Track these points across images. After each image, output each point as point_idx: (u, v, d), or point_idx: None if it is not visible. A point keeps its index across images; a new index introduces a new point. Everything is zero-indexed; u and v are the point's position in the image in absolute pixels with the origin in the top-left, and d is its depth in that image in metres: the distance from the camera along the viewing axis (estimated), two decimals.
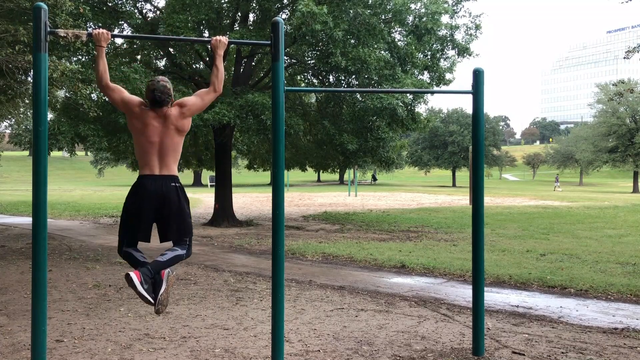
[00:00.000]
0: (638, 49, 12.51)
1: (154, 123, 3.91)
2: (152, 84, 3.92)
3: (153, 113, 3.92)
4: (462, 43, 16.08)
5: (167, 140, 3.93)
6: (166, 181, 3.92)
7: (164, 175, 3.93)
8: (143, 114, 3.92)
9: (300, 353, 4.93)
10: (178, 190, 3.96)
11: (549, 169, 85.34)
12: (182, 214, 3.96)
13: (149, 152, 3.91)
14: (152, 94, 3.89)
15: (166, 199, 3.90)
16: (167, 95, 3.91)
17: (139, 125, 3.92)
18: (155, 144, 3.91)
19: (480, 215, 4.91)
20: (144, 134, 3.91)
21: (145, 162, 3.92)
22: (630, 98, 46.38)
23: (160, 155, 3.93)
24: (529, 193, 39.17)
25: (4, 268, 9.10)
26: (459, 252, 11.03)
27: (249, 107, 14.07)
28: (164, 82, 3.92)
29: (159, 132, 3.91)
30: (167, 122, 3.93)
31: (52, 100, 11.79)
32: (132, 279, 3.67)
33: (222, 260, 10.23)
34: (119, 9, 15.03)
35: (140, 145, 3.94)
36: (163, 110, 3.93)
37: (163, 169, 3.93)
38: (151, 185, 3.89)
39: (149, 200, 3.88)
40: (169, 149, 3.93)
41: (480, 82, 4.86)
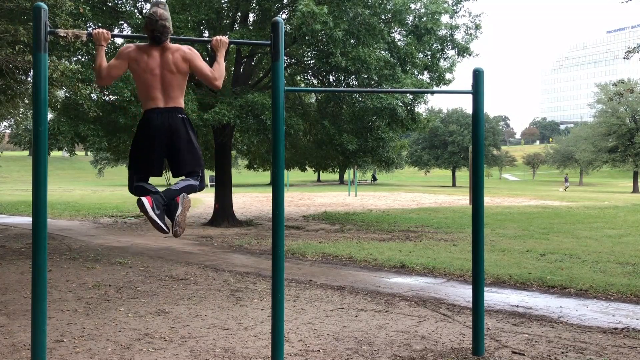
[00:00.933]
0: (638, 49, 12.51)
1: (153, 55, 3.83)
2: (150, 23, 3.79)
3: (151, 49, 3.84)
4: (462, 43, 16.09)
5: (168, 73, 3.83)
6: (172, 113, 3.84)
7: (169, 107, 3.84)
8: (141, 54, 3.83)
9: (300, 353, 4.93)
10: (185, 121, 3.89)
11: (548, 169, 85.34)
12: (191, 145, 3.88)
13: (151, 87, 3.82)
14: (151, 34, 3.81)
15: (174, 132, 3.82)
16: (166, 34, 3.82)
17: (139, 66, 3.83)
18: (156, 77, 3.82)
19: (480, 215, 4.91)
20: (144, 71, 3.81)
21: (149, 96, 3.84)
22: (630, 98, 46.39)
23: (164, 88, 3.84)
24: (529, 193, 39.18)
25: (4, 268, 9.10)
26: (459, 252, 11.03)
27: (249, 107, 14.07)
28: (163, 20, 3.79)
29: (159, 66, 3.82)
30: (166, 57, 3.84)
31: (52, 100, 11.79)
32: (143, 204, 3.63)
33: (222, 260, 10.23)
34: (119, 9, 15.03)
35: (143, 81, 3.83)
36: (162, 45, 3.85)
37: (168, 101, 3.85)
38: (157, 118, 3.81)
39: (157, 133, 3.80)
40: (172, 82, 3.84)
41: (480, 82, 4.86)
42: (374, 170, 63.49)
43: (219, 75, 3.97)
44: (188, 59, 3.88)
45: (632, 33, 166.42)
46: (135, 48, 3.87)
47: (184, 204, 3.82)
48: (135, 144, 3.90)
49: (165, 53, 3.85)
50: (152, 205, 3.67)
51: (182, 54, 3.87)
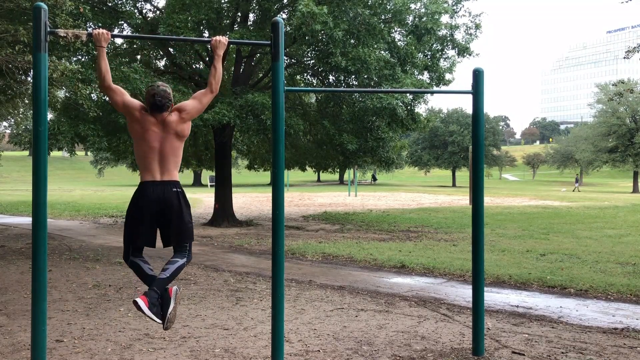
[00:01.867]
0: (638, 49, 12.52)
1: (153, 128, 3.93)
2: (152, 89, 3.94)
3: (153, 118, 3.94)
4: (462, 43, 16.09)
5: (167, 145, 3.95)
6: (167, 187, 3.96)
7: (165, 180, 3.96)
8: (143, 119, 3.94)
9: (300, 353, 4.93)
10: (179, 195, 4.00)
11: (549, 169, 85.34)
12: (182, 219, 4.00)
13: (149, 158, 3.94)
14: (152, 99, 3.91)
15: (167, 205, 3.95)
16: (167, 99, 3.93)
17: (139, 129, 3.94)
18: (155, 149, 3.93)
19: (480, 215, 4.91)
20: (144, 138, 3.93)
21: (146, 167, 3.96)
22: (630, 98, 46.41)
23: (161, 161, 3.95)
24: (529, 193, 39.18)
25: (4, 268, 9.10)
26: (459, 252, 11.02)
27: (248, 107, 14.07)
28: (164, 86, 3.96)
29: (159, 138, 3.94)
30: (166, 128, 3.95)
31: (52, 100, 11.78)
32: (140, 306, 3.75)
33: (222, 260, 10.23)
34: (119, 9, 15.03)
35: (141, 150, 3.97)
36: (163, 115, 3.95)
37: (164, 174, 3.96)
38: (153, 191, 3.93)
39: (151, 206, 3.92)
40: (169, 154, 3.96)
41: (480, 82, 4.86)
42: (374, 170, 63.52)
43: (216, 81, 4.10)
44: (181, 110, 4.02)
45: (632, 33, 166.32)
46: (142, 109, 3.98)
47: (176, 299, 3.96)
48: (130, 216, 4.01)
49: (166, 126, 3.96)
50: (148, 305, 3.78)
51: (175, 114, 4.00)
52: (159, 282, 3.90)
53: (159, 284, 3.89)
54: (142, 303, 3.75)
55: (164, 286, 3.91)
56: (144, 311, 3.75)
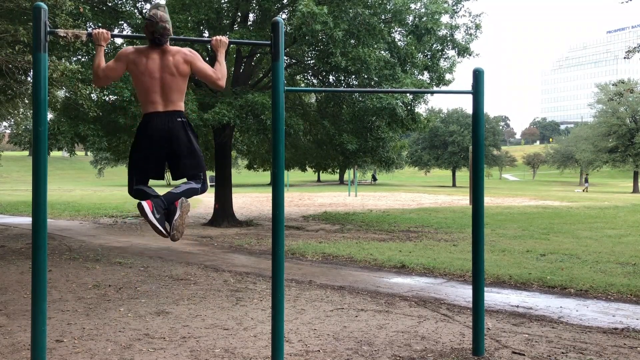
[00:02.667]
0: (638, 49, 12.52)
1: (153, 57, 3.81)
2: (150, 25, 3.77)
3: (151, 51, 3.83)
4: (462, 43, 16.08)
5: (168, 76, 3.81)
6: (172, 117, 3.83)
7: (169, 111, 3.82)
8: (140, 56, 3.82)
9: (300, 353, 4.93)
10: (185, 125, 3.87)
11: (549, 169, 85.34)
12: (191, 149, 3.88)
13: (150, 90, 3.80)
14: (151, 36, 3.79)
15: (174, 136, 3.81)
16: (166, 35, 3.81)
17: (138, 68, 3.81)
18: (156, 80, 3.80)
19: (480, 215, 4.91)
20: (144, 73, 3.79)
21: (148, 100, 3.82)
22: (630, 98, 46.40)
23: (163, 92, 3.81)
24: (529, 193, 39.18)
25: (4, 268, 9.10)
26: (459, 252, 11.02)
27: (248, 107, 14.07)
28: (163, 22, 3.78)
29: (159, 68, 3.80)
30: (166, 59, 3.82)
31: (52, 100, 11.78)
32: (143, 208, 3.63)
33: (222, 260, 10.23)
34: (118, 9, 15.03)
35: (142, 84, 3.81)
36: (162, 47, 3.84)
37: (168, 105, 3.83)
38: (157, 122, 3.79)
39: (157, 138, 3.80)
40: (171, 85, 3.82)
41: (480, 82, 4.86)
42: (374, 171, 63.51)
43: (222, 75, 3.95)
44: (189, 60, 3.87)
45: (632, 33, 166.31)
46: (135, 50, 3.85)
47: (182, 208, 3.79)
48: (135, 148, 3.89)
49: (165, 55, 3.83)
50: (152, 209, 3.67)
51: (183, 55, 3.85)
52: (168, 195, 3.79)
53: (168, 196, 3.79)
54: (146, 206, 3.65)
55: (172, 200, 3.79)
56: (147, 215, 3.64)
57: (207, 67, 3.94)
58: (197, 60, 3.90)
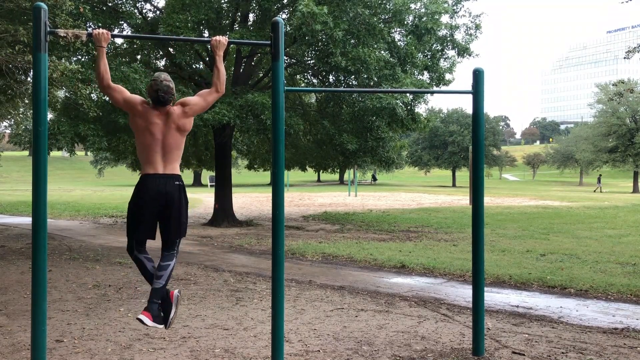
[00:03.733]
0: (638, 49, 12.52)
1: (156, 121, 3.96)
2: (155, 84, 3.95)
3: (156, 111, 3.97)
4: (462, 43, 16.09)
5: (170, 138, 3.97)
6: (170, 180, 3.99)
7: (167, 174, 3.99)
8: (146, 113, 3.96)
9: (300, 353, 4.93)
10: (180, 190, 4.04)
11: (549, 169, 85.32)
12: (180, 215, 4.05)
13: (152, 151, 3.96)
14: (155, 94, 3.94)
15: (169, 198, 3.98)
16: (170, 94, 3.97)
17: (142, 123, 3.96)
18: (158, 142, 3.96)
19: (480, 215, 4.91)
20: (146, 132, 3.95)
21: (149, 160, 3.98)
22: (630, 98, 46.40)
23: (164, 154, 3.98)
24: (529, 193, 39.17)
25: (4, 268, 9.10)
26: (459, 252, 11.02)
27: (248, 107, 14.07)
28: (167, 81, 3.96)
29: (162, 130, 3.96)
30: (169, 121, 3.97)
31: (52, 100, 11.78)
32: (145, 323, 3.86)
33: (222, 260, 10.23)
34: (119, 9, 15.03)
35: (143, 143, 3.98)
36: (166, 108, 3.98)
37: (167, 167, 4.00)
38: (155, 184, 3.96)
39: (153, 199, 3.96)
40: (172, 147, 3.99)
41: (480, 82, 4.86)
42: (374, 171, 63.49)
43: (221, 82, 4.08)
44: (184, 104, 4.03)
45: (632, 33, 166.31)
46: (144, 102, 4.00)
47: (177, 304, 4.10)
48: (132, 208, 4.04)
49: (169, 118, 3.98)
50: (152, 319, 3.91)
51: (178, 107, 4.02)
52: (155, 293, 3.98)
53: (157, 293, 3.99)
54: (146, 320, 3.87)
55: (161, 293, 4.01)
56: (149, 325, 3.89)
57: (200, 93, 4.11)
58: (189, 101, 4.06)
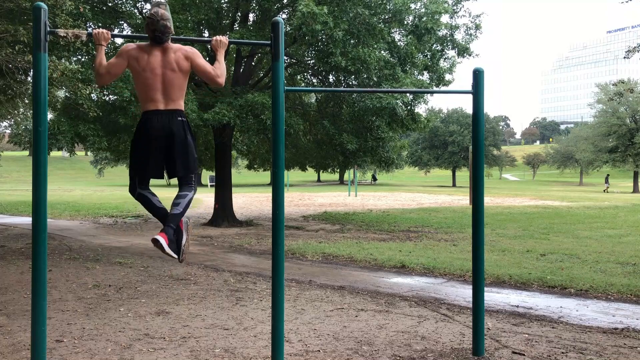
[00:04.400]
0: (638, 49, 12.52)
1: (154, 57, 3.83)
2: (151, 23, 3.80)
3: (153, 48, 3.85)
4: (462, 43, 16.09)
5: (169, 73, 3.83)
6: (172, 116, 3.86)
7: (169, 109, 3.86)
8: (142, 53, 3.84)
9: (300, 353, 4.93)
10: (184, 125, 3.91)
11: (549, 169, 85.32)
12: (188, 150, 3.93)
13: (151, 88, 3.82)
14: (152, 34, 3.82)
15: (173, 135, 3.85)
16: (167, 33, 3.83)
17: (141, 64, 3.82)
18: (157, 77, 3.82)
19: (480, 215, 4.91)
20: (145, 70, 3.82)
21: (149, 97, 3.84)
22: (630, 98, 46.41)
23: (164, 89, 3.84)
24: (529, 193, 39.17)
25: (4, 268, 9.10)
26: (459, 252, 11.02)
27: (248, 107, 14.07)
28: (164, 20, 3.80)
29: (160, 66, 3.83)
30: (167, 57, 3.85)
31: (52, 100, 11.78)
32: (161, 244, 3.72)
33: (222, 260, 10.23)
34: (118, 9, 15.03)
35: (142, 82, 3.83)
36: (163, 45, 3.86)
37: (168, 103, 3.86)
38: (157, 121, 3.83)
39: (156, 137, 3.83)
40: (172, 84, 3.85)
41: (480, 82, 4.86)
42: (374, 171, 63.50)
43: (221, 73, 3.98)
44: (190, 57, 3.91)
45: (632, 33, 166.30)
46: (136, 47, 3.88)
47: (188, 231, 3.95)
48: (135, 146, 3.92)
49: (166, 52, 3.86)
50: (168, 243, 3.79)
51: (184, 52, 3.90)
52: (173, 218, 3.87)
53: (174, 219, 3.87)
54: (163, 241, 3.74)
55: (178, 221, 3.89)
56: (165, 249, 3.75)
57: (207, 64, 3.98)
58: (197, 57, 3.93)
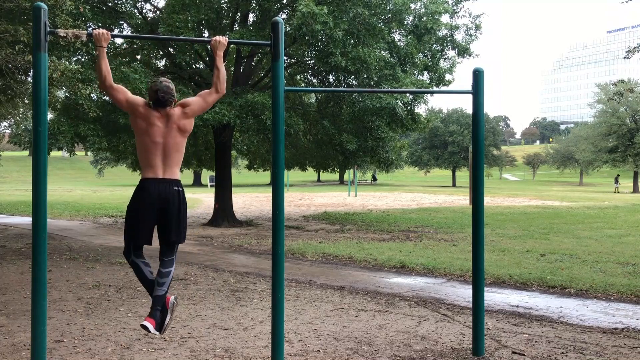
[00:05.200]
0: (638, 49, 12.52)
1: (157, 123, 3.96)
2: (154, 85, 3.97)
3: (156, 113, 3.97)
4: (462, 43, 16.09)
5: (170, 140, 3.98)
6: (169, 185, 4.00)
7: (167, 179, 4.00)
8: (147, 114, 3.97)
9: (300, 353, 4.93)
10: (180, 194, 4.04)
11: (549, 169, 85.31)
12: (180, 220, 4.05)
13: (152, 153, 3.96)
14: (155, 95, 3.95)
15: (168, 203, 3.99)
16: (170, 95, 3.97)
17: (143, 125, 3.96)
18: (159, 144, 3.96)
19: (480, 215, 4.91)
20: (147, 134, 3.96)
21: (149, 164, 3.98)
22: (630, 98, 46.39)
23: (164, 157, 3.98)
24: (529, 193, 39.17)
25: (4, 268, 9.10)
26: (459, 252, 11.02)
27: (248, 107, 14.07)
28: (167, 82, 3.98)
29: (162, 133, 3.96)
30: (170, 122, 3.98)
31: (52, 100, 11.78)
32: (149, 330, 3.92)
33: (222, 260, 10.23)
34: (118, 9, 15.03)
35: (144, 146, 3.98)
36: (166, 110, 3.98)
37: (167, 172, 4.00)
38: (154, 189, 3.96)
39: (152, 203, 3.96)
40: (172, 150, 3.99)
41: (480, 82, 4.86)
42: (374, 171, 63.50)
43: (221, 82, 4.08)
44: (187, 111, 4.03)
45: (632, 33, 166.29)
46: (145, 104, 4.00)
47: (173, 311, 4.12)
48: (131, 213, 4.04)
49: (169, 121, 3.99)
50: (155, 326, 3.97)
51: (178, 108, 4.03)
52: (159, 299, 4.03)
53: (160, 300, 4.04)
54: (150, 327, 3.92)
55: (164, 300, 4.06)
56: (152, 332, 3.95)
57: (201, 94, 4.12)
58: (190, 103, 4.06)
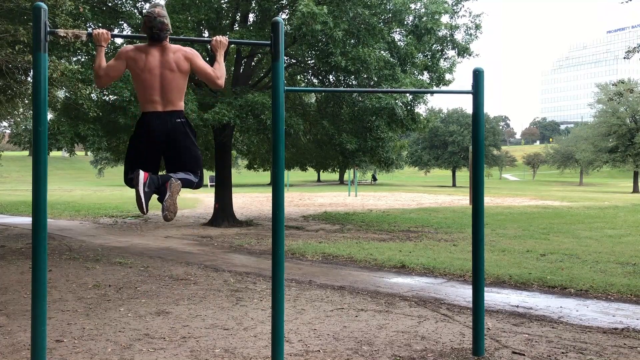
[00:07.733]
0: (638, 49, 12.52)
1: (152, 57, 3.79)
2: (149, 20, 3.76)
3: (151, 48, 3.82)
4: (462, 43, 16.08)
5: (168, 72, 3.78)
6: (171, 118, 3.80)
7: (168, 111, 3.80)
8: (140, 53, 3.81)
9: (300, 353, 4.93)
10: (185, 125, 3.85)
11: (549, 169, 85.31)
12: (189, 150, 3.88)
13: (150, 87, 3.77)
14: (150, 31, 3.78)
15: (173, 138, 3.80)
16: (165, 30, 3.79)
17: (139, 65, 3.79)
18: (156, 77, 3.77)
19: (480, 215, 4.91)
20: (144, 70, 3.77)
21: (148, 98, 3.78)
22: (630, 98, 46.34)
23: (163, 90, 3.79)
24: (529, 193, 39.17)
25: (4, 268, 9.10)
26: (459, 252, 11.02)
27: (248, 107, 14.07)
28: (161, 17, 3.77)
29: (159, 64, 3.79)
30: (166, 57, 3.81)
31: (52, 100, 11.79)
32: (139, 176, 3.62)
33: (222, 260, 10.23)
34: (118, 9, 15.03)
35: (141, 81, 3.78)
36: (162, 44, 3.82)
37: (167, 105, 3.80)
38: (156, 123, 3.77)
39: (155, 139, 3.79)
40: (171, 82, 3.79)
41: (480, 82, 4.86)
42: (374, 171, 63.49)
43: (221, 74, 3.95)
44: (189, 58, 3.87)
45: (632, 33, 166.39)
46: (135, 48, 3.85)
47: (172, 188, 3.73)
48: (133, 145, 3.89)
49: (165, 52, 3.83)
50: (146, 181, 3.65)
51: (183, 53, 3.86)
52: (163, 175, 3.79)
53: (164, 176, 3.77)
54: (142, 176, 3.64)
55: (166, 180, 3.76)
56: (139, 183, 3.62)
57: (207, 65, 3.95)
58: (197, 58, 3.90)
